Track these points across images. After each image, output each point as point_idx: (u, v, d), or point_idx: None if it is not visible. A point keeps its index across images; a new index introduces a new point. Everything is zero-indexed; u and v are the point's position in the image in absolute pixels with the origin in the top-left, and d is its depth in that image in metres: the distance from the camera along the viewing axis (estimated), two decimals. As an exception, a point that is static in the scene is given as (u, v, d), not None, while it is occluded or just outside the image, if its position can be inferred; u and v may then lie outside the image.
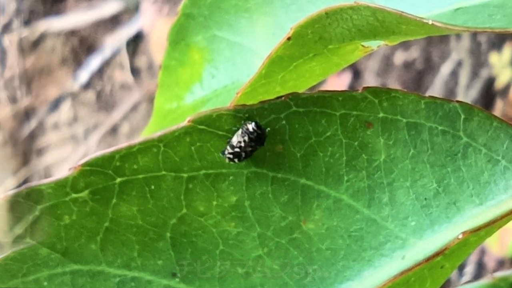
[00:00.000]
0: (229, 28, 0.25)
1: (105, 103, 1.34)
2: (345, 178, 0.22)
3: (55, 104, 1.35)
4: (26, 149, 1.32)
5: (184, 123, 0.21)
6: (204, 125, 0.21)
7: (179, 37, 0.25)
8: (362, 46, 0.22)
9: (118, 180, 0.21)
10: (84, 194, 0.21)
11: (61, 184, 0.21)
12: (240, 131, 0.22)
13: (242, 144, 0.21)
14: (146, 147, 0.21)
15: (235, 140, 0.22)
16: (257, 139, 0.22)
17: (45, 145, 1.34)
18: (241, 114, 0.22)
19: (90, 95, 1.35)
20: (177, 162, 0.21)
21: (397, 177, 0.22)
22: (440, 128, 0.22)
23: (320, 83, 0.25)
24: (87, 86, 1.35)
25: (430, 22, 0.20)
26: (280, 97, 0.22)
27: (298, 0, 0.24)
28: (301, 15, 0.24)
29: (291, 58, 0.21)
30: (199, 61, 0.25)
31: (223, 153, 0.22)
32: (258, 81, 0.21)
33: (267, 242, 0.22)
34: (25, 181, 1.30)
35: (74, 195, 0.21)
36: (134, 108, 1.29)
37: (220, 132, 0.22)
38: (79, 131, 1.34)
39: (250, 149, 0.22)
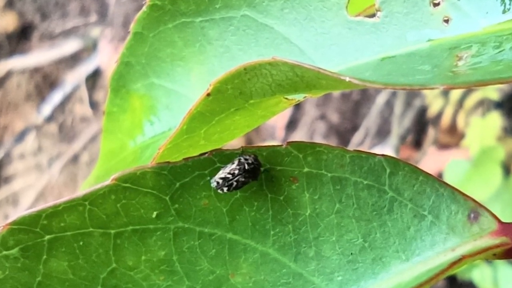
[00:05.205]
0: (166, 76, 0.25)
1: (66, 134, 1.44)
2: (272, 232, 0.22)
3: (21, 136, 1.46)
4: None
5: (108, 181, 0.22)
6: (128, 183, 0.22)
7: (119, 85, 0.25)
8: (286, 99, 0.22)
9: (47, 237, 0.22)
10: (15, 251, 0.22)
11: (-9, 243, 0.22)
12: (236, 162, 0.22)
13: (236, 172, 0.21)
14: (72, 205, 0.22)
15: (228, 169, 0.22)
16: (252, 171, 0.22)
17: (12, 173, 1.44)
18: (165, 171, 0.22)
19: (53, 127, 1.45)
20: (104, 219, 0.22)
21: (323, 231, 0.22)
22: (365, 182, 0.22)
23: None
24: (50, 119, 1.45)
25: (347, 79, 0.20)
26: (204, 153, 0.22)
27: (230, 49, 0.24)
28: (233, 63, 0.24)
29: (212, 113, 0.21)
30: (139, 107, 0.25)
31: (211, 180, 0.22)
32: (180, 137, 0.21)
33: (196, 295, 0.22)
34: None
35: (5, 252, 0.22)
36: (93, 139, 1.39)
37: (145, 189, 0.22)
38: (43, 161, 1.43)
39: (243, 179, 0.22)
